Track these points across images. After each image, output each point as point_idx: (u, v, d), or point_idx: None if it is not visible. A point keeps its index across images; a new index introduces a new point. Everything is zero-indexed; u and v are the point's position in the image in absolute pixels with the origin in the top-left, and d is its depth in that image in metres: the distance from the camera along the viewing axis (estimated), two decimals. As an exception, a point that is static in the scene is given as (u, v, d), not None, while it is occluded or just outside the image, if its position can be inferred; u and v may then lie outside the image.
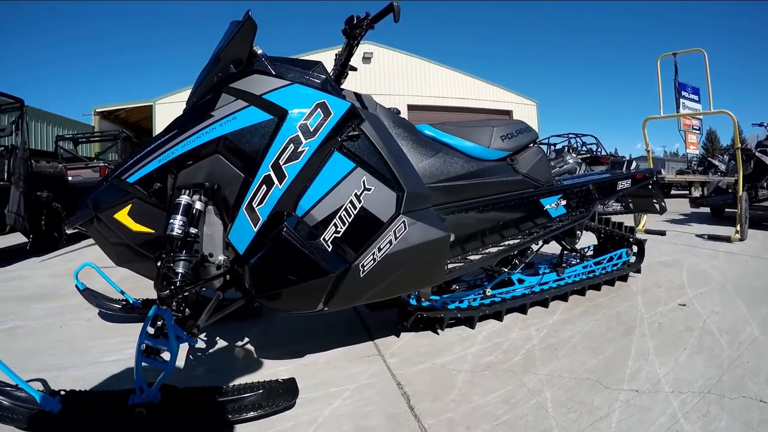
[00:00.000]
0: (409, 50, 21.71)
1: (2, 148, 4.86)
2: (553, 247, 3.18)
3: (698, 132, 15.43)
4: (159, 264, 1.58)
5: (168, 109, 17.59)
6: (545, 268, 2.66)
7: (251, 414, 1.35)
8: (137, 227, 1.61)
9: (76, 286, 2.47)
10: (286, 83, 1.48)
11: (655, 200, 3.74)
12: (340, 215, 1.43)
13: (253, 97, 1.47)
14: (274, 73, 1.51)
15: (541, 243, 2.65)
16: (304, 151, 1.41)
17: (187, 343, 1.46)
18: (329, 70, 1.66)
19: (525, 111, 21.61)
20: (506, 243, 2.12)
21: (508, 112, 21.31)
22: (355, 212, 1.44)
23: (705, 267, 3.43)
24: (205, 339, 2.12)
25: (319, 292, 1.44)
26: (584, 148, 10.35)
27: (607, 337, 2.03)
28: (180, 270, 1.46)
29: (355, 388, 1.57)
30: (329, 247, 1.43)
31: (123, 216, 1.61)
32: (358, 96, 1.79)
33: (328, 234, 1.43)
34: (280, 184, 1.40)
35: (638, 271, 3.08)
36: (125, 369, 1.75)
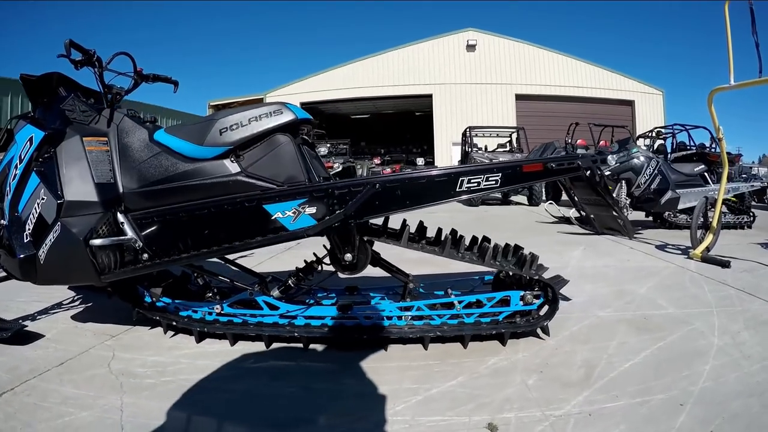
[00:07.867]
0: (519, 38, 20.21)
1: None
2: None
3: None
4: None
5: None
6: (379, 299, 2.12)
7: None
8: None
9: None
10: (24, 125, 2.01)
11: (615, 214, 2.31)
12: (29, 218, 1.90)
13: (13, 137, 2.06)
14: (28, 116, 2.07)
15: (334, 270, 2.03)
16: (16, 173, 1.94)
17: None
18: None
19: (649, 101, 18.60)
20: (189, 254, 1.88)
21: (630, 102, 18.60)
22: (36, 216, 1.89)
23: (717, 344, 1.92)
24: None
25: (21, 269, 1.91)
26: (691, 143, 8.57)
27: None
28: None
29: (61, 350, 1.95)
30: (27, 239, 1.90)
31: None
32: (127, 114, 2.08)
33: (27, 231, 1.91)
34: (8, 196, 1.97)
35: (545, 330, 2.03)
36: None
